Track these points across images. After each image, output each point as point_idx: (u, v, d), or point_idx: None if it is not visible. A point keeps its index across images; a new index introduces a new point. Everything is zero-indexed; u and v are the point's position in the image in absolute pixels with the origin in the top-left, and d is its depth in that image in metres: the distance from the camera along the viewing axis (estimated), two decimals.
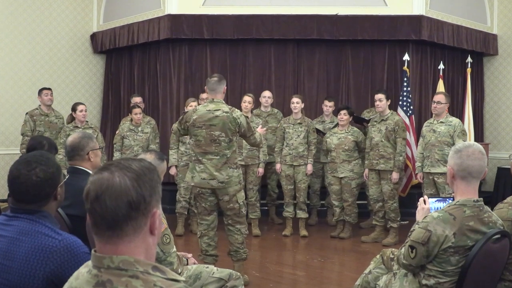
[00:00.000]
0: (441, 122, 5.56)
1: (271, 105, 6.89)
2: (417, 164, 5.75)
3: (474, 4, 8.42)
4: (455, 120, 5.59)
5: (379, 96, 5.96)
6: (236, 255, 4.40)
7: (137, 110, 6.51)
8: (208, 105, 4.26)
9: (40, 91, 6.91)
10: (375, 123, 6.04)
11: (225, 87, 4.37)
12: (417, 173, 5.80)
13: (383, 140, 5.91)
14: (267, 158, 6.43)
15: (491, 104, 8.74)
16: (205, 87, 4.39)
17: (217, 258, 4.44)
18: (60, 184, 2.03)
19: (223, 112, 4.21)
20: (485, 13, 8.55)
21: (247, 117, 4.35)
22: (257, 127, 4.73)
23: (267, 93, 6.76)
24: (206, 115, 4.21)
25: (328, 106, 6.77)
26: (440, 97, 5.58)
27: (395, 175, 5.87)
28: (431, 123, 5.69)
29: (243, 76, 7.93)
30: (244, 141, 4.93)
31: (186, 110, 6.06)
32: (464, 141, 4.81)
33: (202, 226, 4.38)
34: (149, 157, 2.88)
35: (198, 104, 6.60)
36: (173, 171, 6.30)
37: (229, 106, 4.32)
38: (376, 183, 6.01)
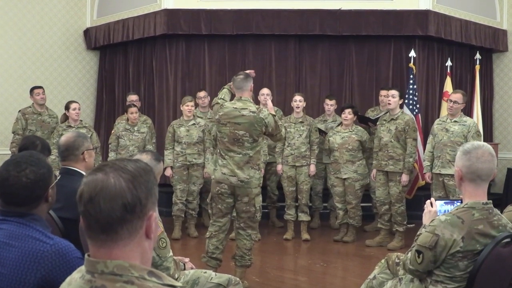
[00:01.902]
0: (455, 121, 5.51)
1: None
2: (426, 163, 5.70)
3: None
4: (469, 120, 5.56)
5: (393, 92, 5.90)
6: (240, 261, 4.41)
7: (133, 109, 6.51)
8: (236, 103, 4.31)
9: (31, 90, 6.91)
10: (384, 122, 6.01)
11: (252, 85, 4.41)
12: (425, 173, 5.76)
13: (393, 140, 5.88)
14: (267, 158, 6.42)
15: (500, 102, 8.74)
16: (231, 85, 4.42)
17: (221, 264, 4.45)
18: (52, 185, 2.02)
19: (250, 111, 4.24)
20: (495, 7, 8.55)
21: (274, 115, 4.37)
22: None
23: (265, 91, 6.72)
24: (232, 113, 4.26)
25: (329, 104, 6.75)
26: (457, 97, 5.53)
27: (404, 177, 5.85)
28: (443, 121, 5.64)
29: None
30: None
31: (187, 110, 6.13)
32: None
33: (213, 227, 4.39)
34: (145, 158, 2.88)
35: (195, 103, 6.62)
36: (168, 172, 6.29)
37: (257, 106, 4.35)
38: (383, 185, 6.00)
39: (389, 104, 5.93)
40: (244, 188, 4.27)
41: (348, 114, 6.15)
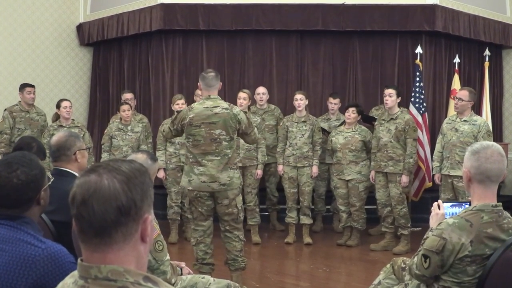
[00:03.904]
0: (465, 120, 5.50)
1: (268, 101, 6.87)
2: (435, 164, 5.70)
3: None
4: (480, 120, 5.54)
5: (389, 91, 5.92)
6: (234, 264, 4.42)
7: (126, 107, 6.50)
8: (205, 102, 4.30)
9: (23, 87, 6.90)
10: (383, 122, 6.02)
11: (221, 83, 4.45)
12: (434, 174, 5.76)
13: (392, 140, 5.88)
14: (266, 159, 6.41)
15: (511, 100, 8.74)
16: (199, 83, 4.42)
17: (214, 267, 4.46)
18: (44, 187, 2.02)
19: (223, 108, 4.26)
20: (504, 2, 8.54)
21: (246, 112, 4.39)
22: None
23: (261, 89, 6.75)
24: (204, 113, 4.25)
25: (333, 103, 6.77)
26: (462, 94, 5.53)
27: (404, 179, 5.85)
28: (453, 120, 5.63)
29: (242, 71, 7.92)
30: (241, 140, 4.95)
31: (178, 109, 6.09)
32: None
33: (197, 233, 4.40)
34: (141, 158, 2.90)
35: (193, 101, 6.61)
36: (161, 174, 6.26)
37: (227, 102, 4.36)
38: (383, 187, 6.00)
39: (386, 103, 5.93)
40: (224, 191, 4.28)
41: (351, 113, 6.15)
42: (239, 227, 4.41)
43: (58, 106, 6.54)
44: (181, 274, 3.09)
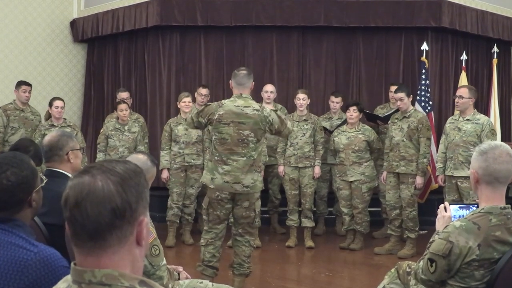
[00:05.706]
0: (468, 119, 5.51)
1: (274, 100, 6.85)
2: (439, 165, 5.71)
3: None
4: (483, 118, 5.55)
5: (399, 95, 5.88)
6: (239, 269, 4.43)
7: (123, 106, 6.51)
8: (236, 101, 4.32)
9: (19, 85, 6.91)
10: (396, 121, 6.01)
11: (253, 83, 4.46)
12: (438, 175, 5.77)
13: (405, 139, 5.88)
14: (267, 159, 6.41)
15: None
16: (230, 81, 4.43)
17: (217, 273, 4.47)
18: (36, 189, 2.02)
19: (254, 110, 4.28)
20: None
21: (276, 110, 4.42)
22: None
23: (269, 87, 6.67)
24: (234, 112, 4.27)
25: (335, 102, 6.75)
26: (462, 91, 5.55)
27: (419, 180, 5.83)
28: (455, 120, 5.65)
29: None
30: None
31: (184, 107, 6.14)
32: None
33: (209, 235, 4.42)
34: (142, 158, 2.92)
35: (193, 100, 6.60)
36: (165, 174, 6.27)
37: (259, 104, 4.37)
38: (394, 188, 5.99)
39: (400, 107, 5.94)
40: (246, 194, 4.30)
41: (353, 112, 6.14)
42: (252, 231, 4.46)
43: (50, 104, 6.55)
44: (179, 279, 3.09)
